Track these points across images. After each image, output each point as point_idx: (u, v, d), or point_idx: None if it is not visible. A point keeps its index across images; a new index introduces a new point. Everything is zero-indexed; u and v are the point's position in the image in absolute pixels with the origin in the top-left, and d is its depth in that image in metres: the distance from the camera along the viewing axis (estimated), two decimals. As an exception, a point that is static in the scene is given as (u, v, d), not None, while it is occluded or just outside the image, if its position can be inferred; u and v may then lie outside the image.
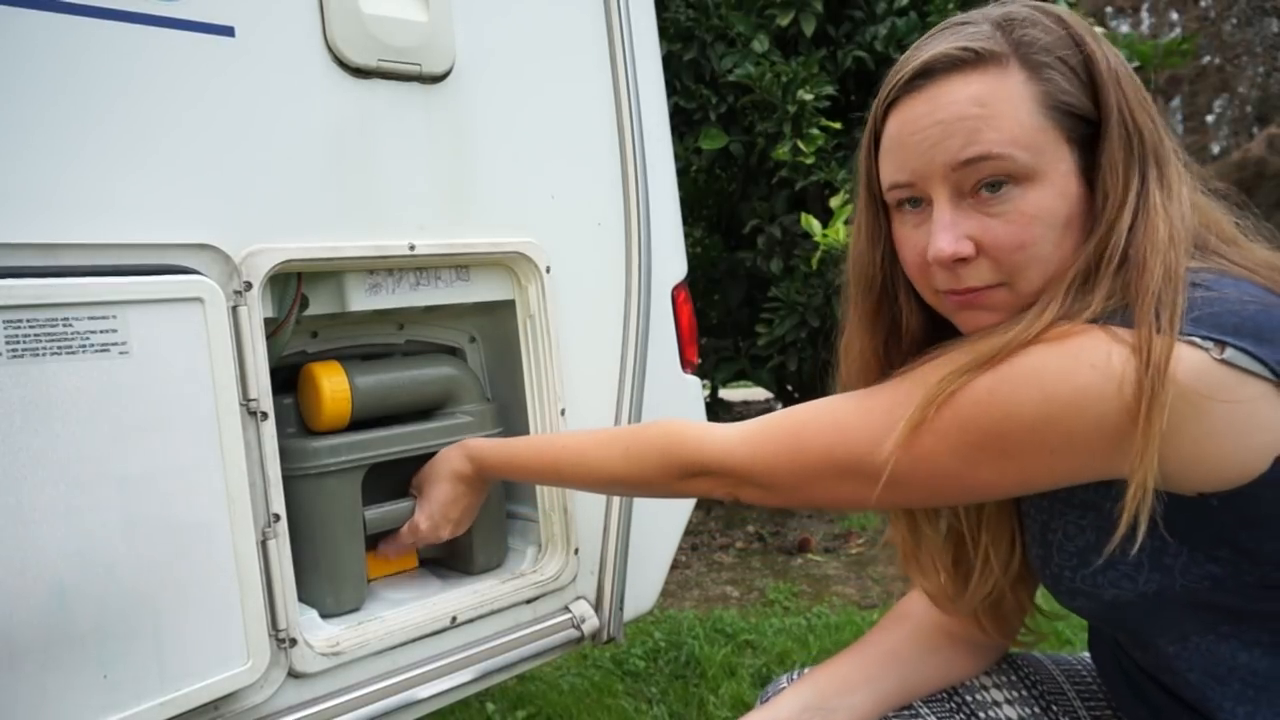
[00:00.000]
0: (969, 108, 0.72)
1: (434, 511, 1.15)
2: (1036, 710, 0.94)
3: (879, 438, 0.75)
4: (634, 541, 1.32)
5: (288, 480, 1.03)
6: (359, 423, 1.16)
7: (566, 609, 1.29)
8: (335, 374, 1.13)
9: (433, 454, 1.20)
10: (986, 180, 0.72)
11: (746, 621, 2.50)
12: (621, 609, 1.33)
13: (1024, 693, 0.95)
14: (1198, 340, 0.64)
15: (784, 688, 0.98)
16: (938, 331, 0.84)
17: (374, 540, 1.19)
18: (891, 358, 0.87)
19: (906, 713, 0.94)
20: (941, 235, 0.74)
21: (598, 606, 1.31)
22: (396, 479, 1.21)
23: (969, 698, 0.95)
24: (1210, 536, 0.68)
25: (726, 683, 2.10)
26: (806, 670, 0.98)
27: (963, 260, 0.74)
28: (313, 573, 1.11)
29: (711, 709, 2.00)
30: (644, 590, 1.41)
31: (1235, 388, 0.63)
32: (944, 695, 0.95)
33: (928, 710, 0.95)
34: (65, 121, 0.87)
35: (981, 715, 0.93)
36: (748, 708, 1.97)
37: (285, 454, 1.04)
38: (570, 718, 1.96)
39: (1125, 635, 0.81)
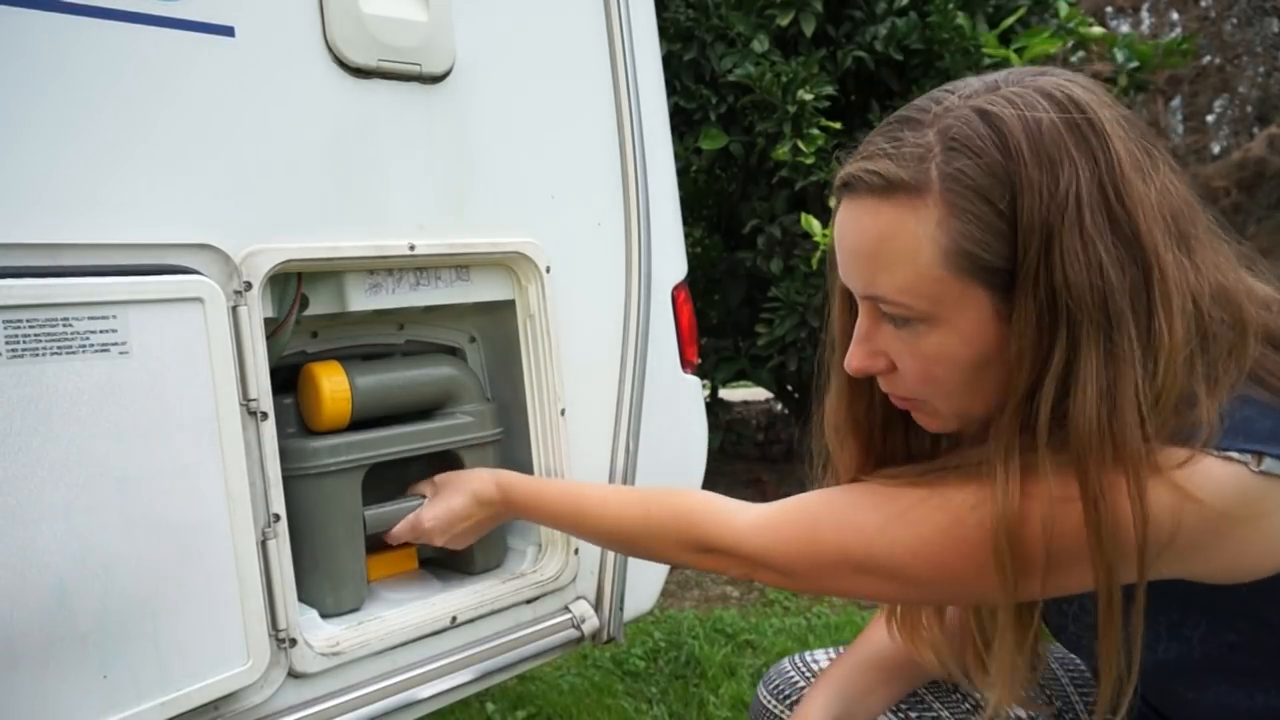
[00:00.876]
0: (870, 244, 0.69)
1: (441, 516, 1.13)
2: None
3: (896, 545, 0.73)
4: (634, 541, 1.32)
5: (288, 480, 1.02)
6: (359, 423, 1.16)
7: (566, 609, 1.29)
8: (335, 374, 1.12)
9: (433, 454, 1.21)
10: (892, 313, 0.71)
11: (746, 621, 2.50)
12: (621, 609, 1.33)
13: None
14: (1234, 455, 0.61)
15: (790, 674, 0.98)
16: None
17: (374, 541, 1.19)
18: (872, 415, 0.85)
19: (918, 704, 0.94)
20: (854, 349, 0.75)
21: (598, 606, 1.31)
22: (396, 479, 1.21)
23: (979, 694, 0.95)
24: (1233, 613, 0.68)
25: (726, 683, 2.10)
26: (824, 665, 0.98)
27: (882, 371, 0.75)
28: (313, 573, 1.11)
29: (711, 709, 2.00)
30: (644, 590, 1.42)
31: (1276, 495, 0.61)
32: (954, 691, 0.96)
33: (940, 706, 0.95)
34: (65, 121, 0.87)
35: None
36: (748, 707, 1.98)
37: (285, 454, 1.03)
38: (570, 718, 1.96)
39: (1142, 682, 0.80)
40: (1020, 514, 0.65)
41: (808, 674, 1.00)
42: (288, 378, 1.16)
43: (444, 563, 1.31)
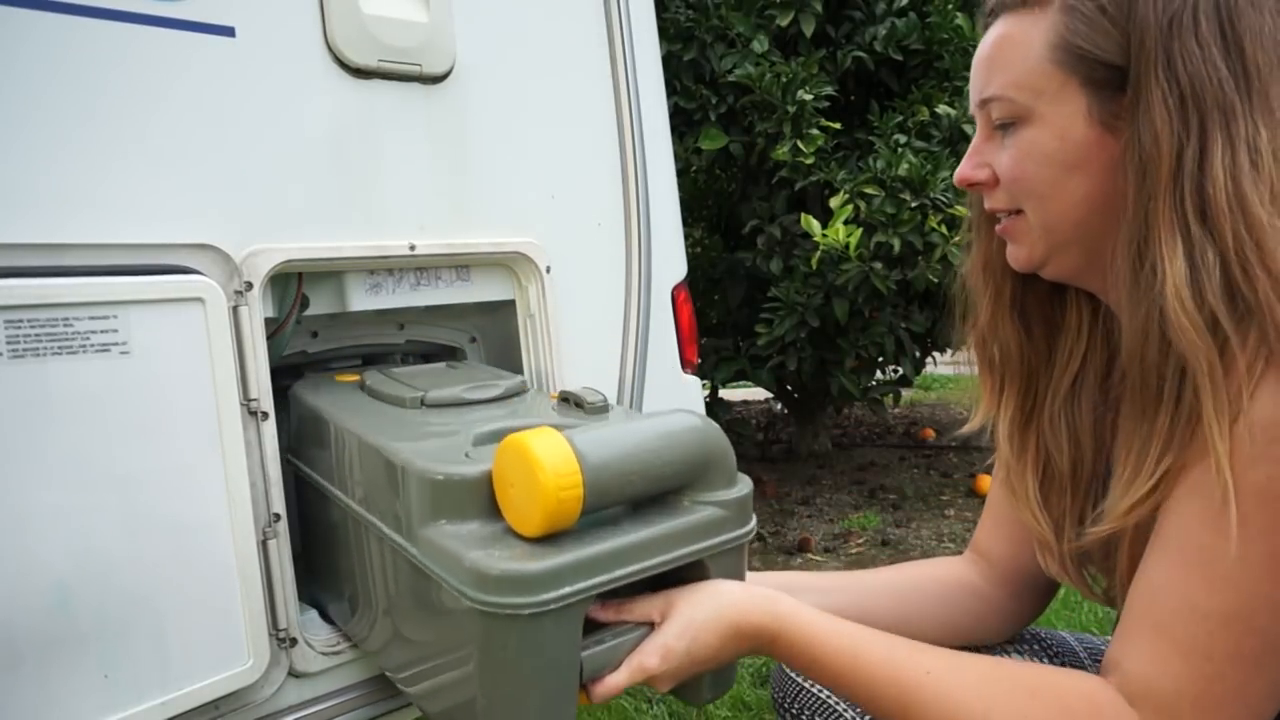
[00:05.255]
0: (992, 49, 0.77)
1: (678, 655, 0.75)
2: None
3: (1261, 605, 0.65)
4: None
5: (478, 615, 0.70)
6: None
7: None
8: (557, 446, 0.71)
9: (665, 570, 0.78)
10: (999, 119, 0.77)
11: (746, 621, 2.49)
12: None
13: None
14: None
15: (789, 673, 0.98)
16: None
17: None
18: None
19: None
20: (965, 161, 0.82)
21: (598, 606, 1.31)
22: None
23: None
24: None
25: (726, 682, 2.10)
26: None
27: (984, 184, 0.80)
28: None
29: (711, 709, 2.00)
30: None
31: None
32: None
33: None
34: (66, 121, 0.88)
35: None
36: (748, 707, 1.98)
37: (482, 582, 0.69)
38: (570, 717, 1.96)
39: None
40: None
41: None
42: (285, 386, 1.13)
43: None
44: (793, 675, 0.99)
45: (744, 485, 0.83)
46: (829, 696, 0.94)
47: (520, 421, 0.90)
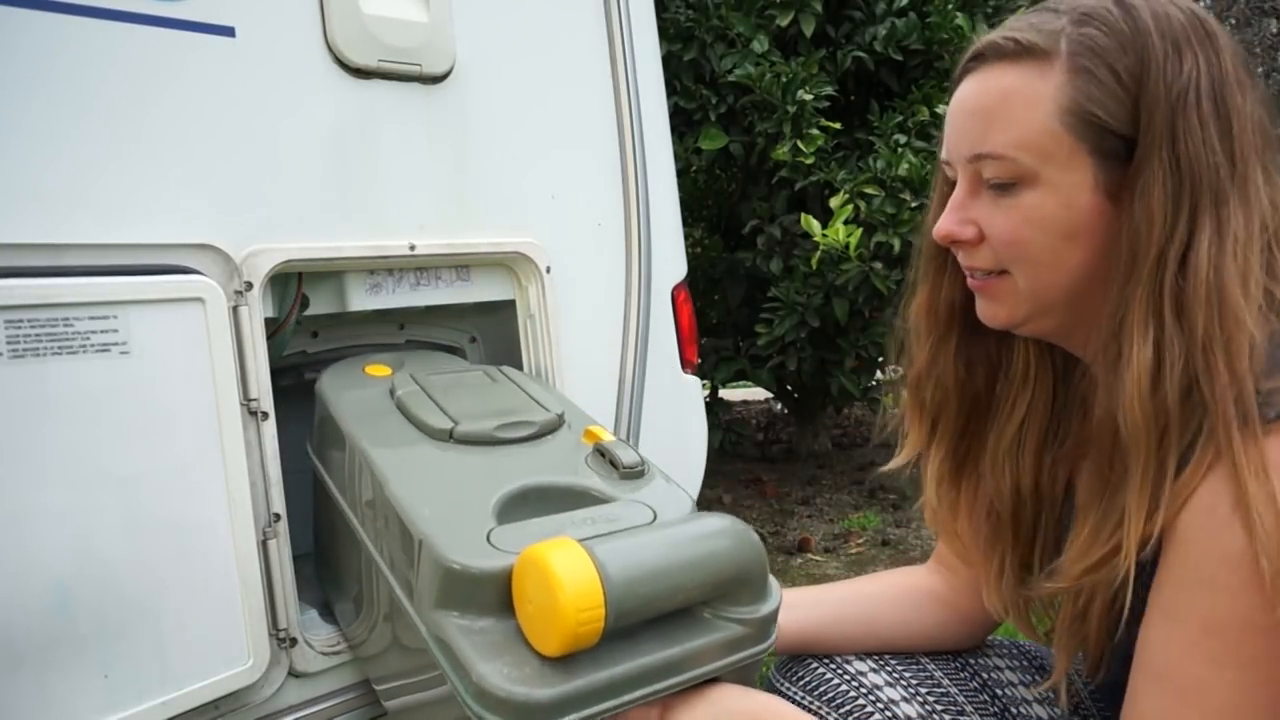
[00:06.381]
0: (991, 101, 0.72)
1: None
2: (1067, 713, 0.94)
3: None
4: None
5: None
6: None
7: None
8: (580, 570, 0.66)
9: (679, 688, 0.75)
10: (994, 179, 0.73)
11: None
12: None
13: (1064, 710, 0.95)
14: None
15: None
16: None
17: None
18: (956, 313, 0.85)
19: (912, 665, 0.95)
20: (947, 215, 0.76)
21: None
22: None
23: (999, 692, 0.95)
24: None
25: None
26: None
27: (968, 242, 0.75)
28: None
29: None
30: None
31: None
32: (976, 687, 0.96)
33: (962, 698, 0.95)
34: (66, 121, 0.88)
35: (1014, 711, 0.94)
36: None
37: (481, 694, 0.66)
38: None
39: None
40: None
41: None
42: (289, 384, 1.12)
43: None
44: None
45: (772, 600, 0.78)
46: None
47: (549, 480, 0.90)
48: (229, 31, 0.98)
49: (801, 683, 0.97)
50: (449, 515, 0.80)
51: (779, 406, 5.06)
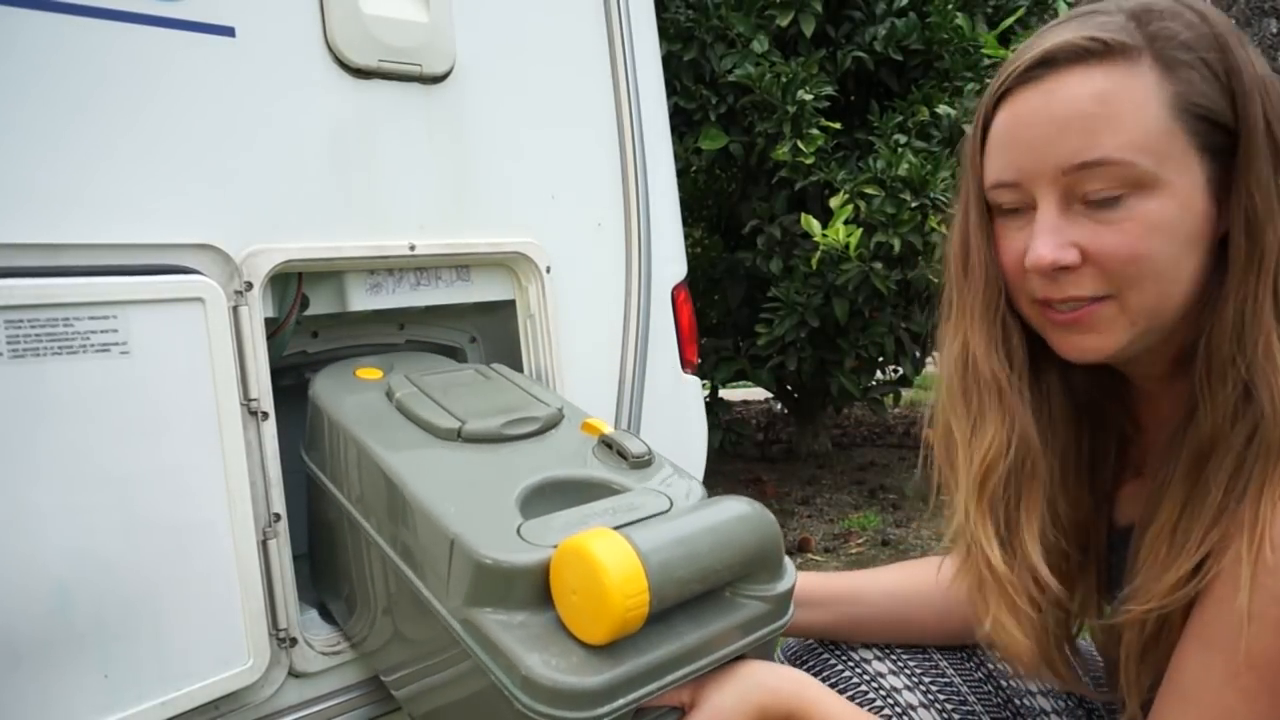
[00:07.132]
0: (1089, 105, 0.65)
1: None
2: (1078, 712, 0.94)
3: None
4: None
5: (524, 715, 0.69)
6: None
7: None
8: (623, 557, 0.68)
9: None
10: (1101, 190, 0.65)
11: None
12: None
13: (1068, 702, 0.95)
14: None
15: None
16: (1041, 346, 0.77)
17: None
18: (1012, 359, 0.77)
19: (925, 661, 0.95)
20: (1043, 240, 0.67)
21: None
22: None
23: (1004, 683, 0.95)
24: None
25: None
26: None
27: (1065, 269, 0.67)
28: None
29: None
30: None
31: None
32: (981, 678, 0.96)
33: (949, 668, 0.96)
34: (66, 121, 0.87)
35: (1018, 703, 0.94)
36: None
37: (531, 685, 0.67)
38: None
39: None
40: None
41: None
42: (290, 384, 1.12)
43: None
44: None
45: (789, 577, 0.82)
46: None
47: (566, 473, 0.90)
48: (229, 31, 0.98)
49: (806, 667, 0.98)
50: (475, 512, 0.80)
51: (779, 406, 5.07)
